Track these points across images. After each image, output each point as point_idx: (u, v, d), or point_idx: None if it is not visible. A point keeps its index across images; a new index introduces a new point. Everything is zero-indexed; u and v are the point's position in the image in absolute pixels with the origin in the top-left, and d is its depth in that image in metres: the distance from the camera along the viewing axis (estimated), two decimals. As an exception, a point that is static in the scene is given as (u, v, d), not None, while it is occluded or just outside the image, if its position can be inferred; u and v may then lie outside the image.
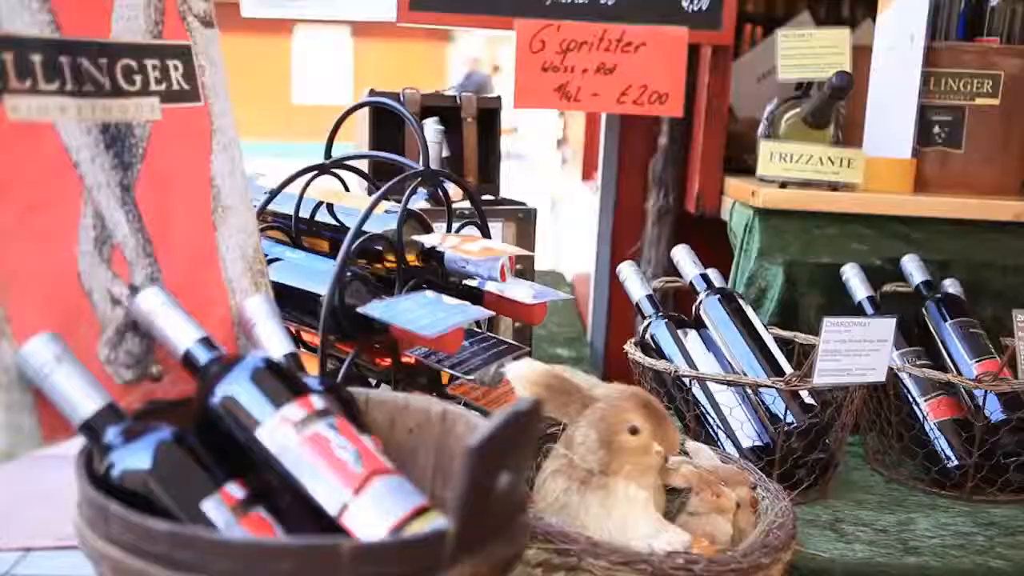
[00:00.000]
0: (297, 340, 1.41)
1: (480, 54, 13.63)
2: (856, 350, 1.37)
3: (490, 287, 1.32)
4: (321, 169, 1.35)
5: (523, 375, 1.12)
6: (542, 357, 2.18)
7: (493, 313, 1.26)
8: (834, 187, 1.84)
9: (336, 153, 1.41)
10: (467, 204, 1.81)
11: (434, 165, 1.76)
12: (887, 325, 1.39)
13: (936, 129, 1.95)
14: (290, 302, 1.26)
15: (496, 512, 0.79)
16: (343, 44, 14.52)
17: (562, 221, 3.63)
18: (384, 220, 1.29)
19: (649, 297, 1.64)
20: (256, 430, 0.85)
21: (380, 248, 1.27)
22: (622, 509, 1.08)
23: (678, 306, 2.07)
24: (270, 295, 1.10)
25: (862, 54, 1.95)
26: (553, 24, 1.96)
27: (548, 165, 5.08)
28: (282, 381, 0.88)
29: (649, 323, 1.61)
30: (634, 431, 1.09)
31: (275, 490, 0.85)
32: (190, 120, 1.05)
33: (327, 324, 1.16)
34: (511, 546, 0.81)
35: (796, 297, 1.79)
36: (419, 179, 1.27)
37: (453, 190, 1.83)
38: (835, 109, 1.82)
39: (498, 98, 1.98)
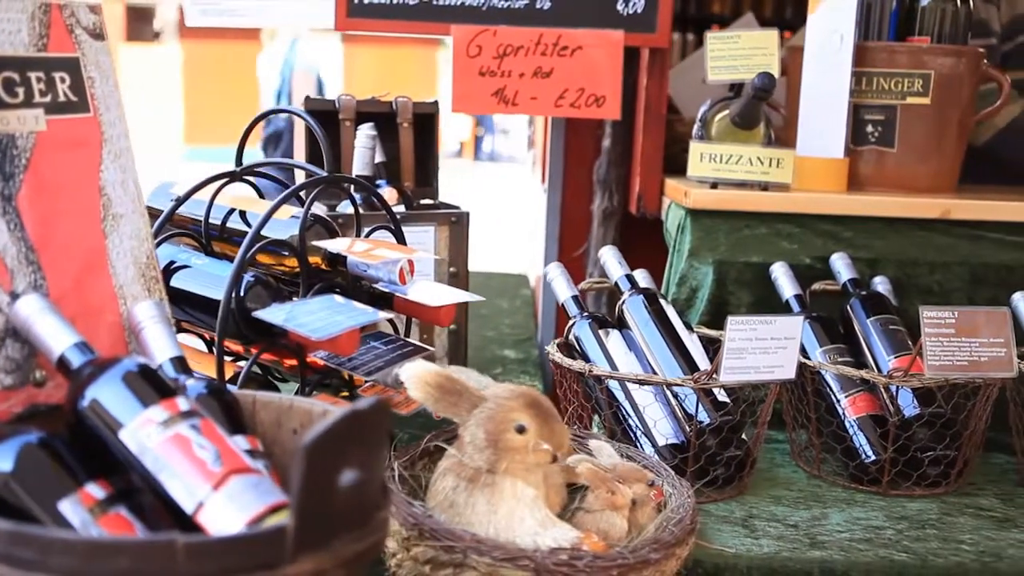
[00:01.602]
0: (211, 344, 1.43)
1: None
2: (763, 348, 1.39)
3: (400, 291, 1.35)
4: (232, 176, 1.37)
5: (416, 376, 1.14)
6: (489, 358, 2.22)
7: (388, 316, 1.28)
8: (765, 187, 1.86)
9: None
10: (401, 208, 1.84)
11: (366, 170, 1.79)
12: (794, 323, 1.41)
13: (869, 128, 1.97)
14: (198, 308, 1.29)
15: (343, 508, 0.81)
16: (333, 50, 14.55)
17: (532, 223, 3.66)
18: (293, 225, 1.32)
19: (575, 298, 1.66)
20: (120, 431, 0.87)
21: (287, 253, 1.29)
22: (508, 506, 1.10)
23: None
24: (163, 300, 1.12)
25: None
26: (489, 29, 1.98)
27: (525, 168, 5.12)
28: (149, 384, 0.91)
29: (573, 324, 1.63)
30: (521, 430, 1.11)
31: (139, 490, 0.88)
32: (78, 131, 1.07)
33: (226, 328, 1.19)
34: (361, 542, 0.83)
35: (726, 296, 1.82)
36: (320, 185, 1.29)
37: (388, 193, 1.86)
38: (763, 110, 1.84)
39: (435, 103, 2.00)
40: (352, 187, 1.56)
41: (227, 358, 1.41)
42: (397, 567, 1.14)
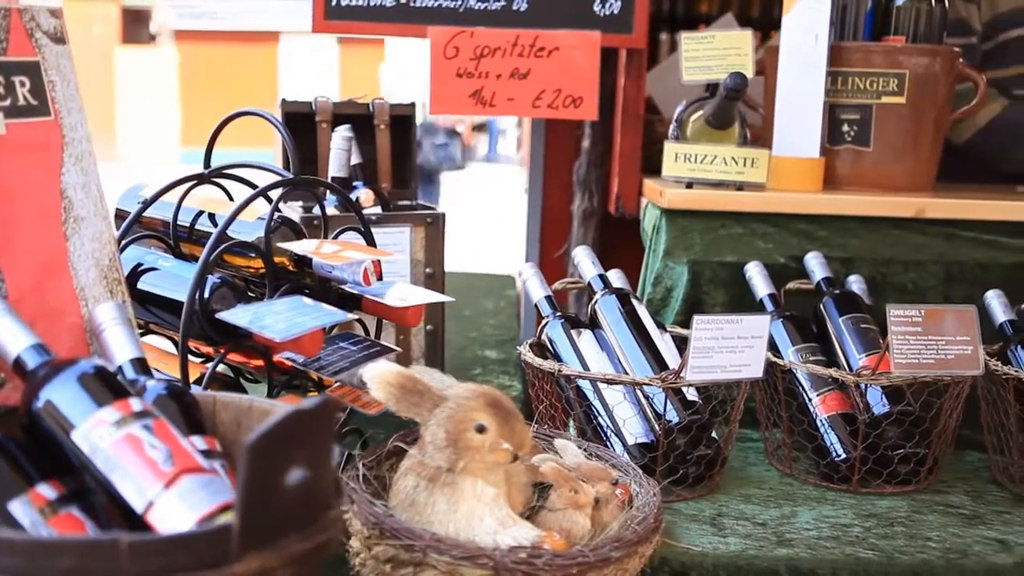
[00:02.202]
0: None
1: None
2: (730, 347, 1.40)
3: (365, 292, 1.35)
4: (200, 179, 1.38)
5: (378, 376, 1.14)
6: (470, 358, 2.22)
7: (354, 317, 1.29)
8: (740, 187, 1.87)
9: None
10: (378, 209, 1.85)
11: (342, 172, 1.80)
12: (761, 322, 1.42)
13: (845, 128, 1.98)
14: (166, 310, 1.30)
15: (290, 507, 0.81)
16: (329, 51, 14.57)
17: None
18: (261, 227, 1.32)
19: (548, 298, 1.67)
20: (72, 432, 0.88)
21: (254, 255, 1.30)
22: (468, 505, 1.11)
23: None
24: (125, 302, 1.13)
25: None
26: (466, 31, 1.99)
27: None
28: (103, 385, 0.91)
29: (546, 324, 1.64)
30: (481, 429, 1.12)
31: (92, 491, 0.88)
32: (38, 134, 1.08)
33: (192, 329, 1.19)
34: (309, 541, 0.83)
35: (701, 296, 1.82)
36: (287, 187, 1.30)
37: (364, 195, 1.87)
38: (737, 109, 1.85)
39: (412, 105, 2.01)
40: (323, 189, 1.56)
41: (197, 359, 1.42)
42: (360, 566, 1.14)
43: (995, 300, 1.71)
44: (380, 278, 1.48)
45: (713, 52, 1.89)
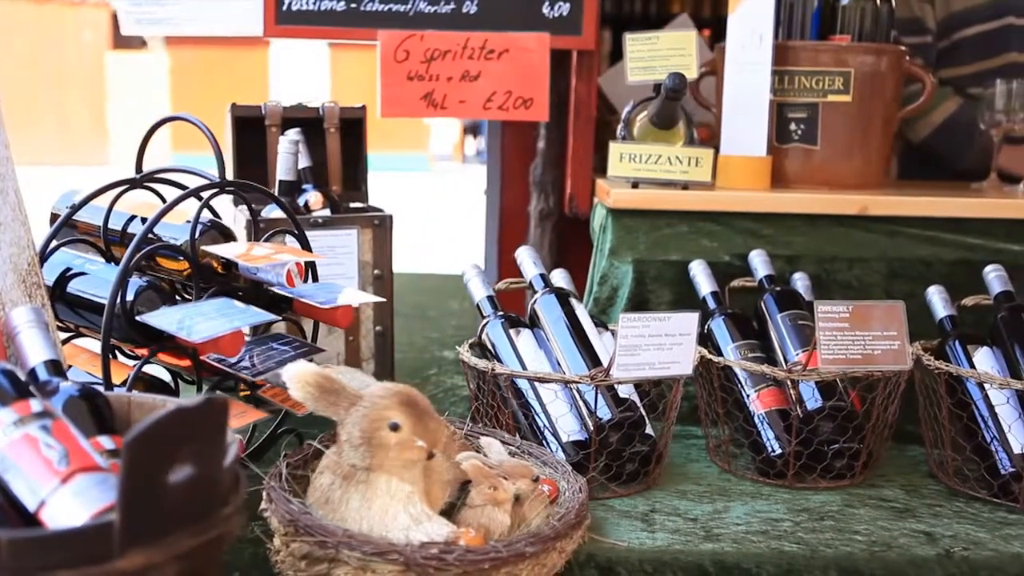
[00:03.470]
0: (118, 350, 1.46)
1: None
2: (658, 344, 1.41)
3: (294, 293, 1.37)
4: (132, 183, 1.39)
5: (296, 375, 1.16)
6: (428, 359, 2.24)
7: (276, 318, 1.30)
8: (685, 186, 1.88)
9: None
10: (326, 211, 1.86)
11: (289, 176, 1.81)
12: (689, 320, 1.43)
13: (792, 126, 1.99)
14: (94, 312, 1.31)
15: (177, 504, 0.83)
16: (320, 54, 14.63)
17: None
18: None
19: (489, 298, 1.69)
20: (-30, 433, 0.90)
21: (181, 257, 1.32)
22: (382, 502, 1.12)
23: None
24: (44, 305, 1.14)
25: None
26: (417, 34, 2.01)
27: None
28: (5, 386, 0.93)
29: (486, 323, 1.65)
30: (395, 427, 1.13)
31: (-11, 491, 0.90)
32: (-46, 140, 1.09)
33: (111, 331, 1.21)
34: (198, 537, 0.85)
35: (647, 295, 1.84)
36: (214, 190, 1.32)
37: (314, 198, 1.89)
38: (680, 109, 1.87)
39: (363, 108, 2.03)
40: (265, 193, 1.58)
41: (131, 362, 1.43)
42: (280, 563, 1.16)
43: (936, 296, 1.72)
44: (316, 279, 1.51)
45: (657, 53, 1.91)
